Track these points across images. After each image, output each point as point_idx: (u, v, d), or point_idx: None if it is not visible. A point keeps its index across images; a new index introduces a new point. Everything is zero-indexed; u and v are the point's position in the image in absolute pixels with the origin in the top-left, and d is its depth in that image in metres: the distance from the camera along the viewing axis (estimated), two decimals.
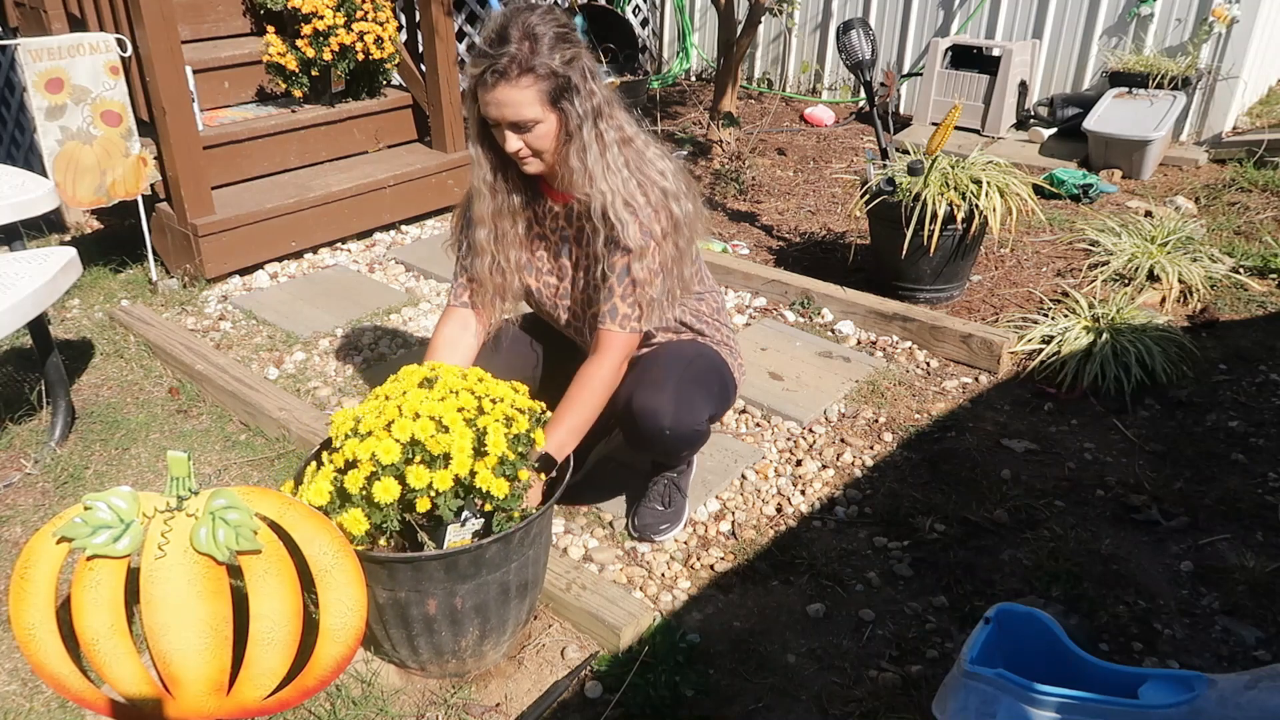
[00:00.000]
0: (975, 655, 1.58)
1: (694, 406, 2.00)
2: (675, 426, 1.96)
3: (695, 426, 2.01)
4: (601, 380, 1.92)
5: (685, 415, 1.97)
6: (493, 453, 1.62)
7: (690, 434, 2.02)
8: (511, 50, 1.70)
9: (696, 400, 2.01)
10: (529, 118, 1.75)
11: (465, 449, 1.60)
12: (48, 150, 3.00)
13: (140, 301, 3.37)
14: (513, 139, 1.79)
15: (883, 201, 3.16)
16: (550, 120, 1.78)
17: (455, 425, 1.61)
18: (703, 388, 2.04)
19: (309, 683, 1.57)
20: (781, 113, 5.72)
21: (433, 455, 1.60)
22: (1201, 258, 3.43)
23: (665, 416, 1.94)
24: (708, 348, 2.12)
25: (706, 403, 2.05)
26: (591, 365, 1.93)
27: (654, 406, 1.94)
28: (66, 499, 2.35)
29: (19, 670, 1.85)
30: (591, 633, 1.92)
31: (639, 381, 1.97)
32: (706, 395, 2.05)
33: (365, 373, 2.94)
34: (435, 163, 4.05)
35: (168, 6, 3.11)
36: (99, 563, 1.51)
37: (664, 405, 1.94)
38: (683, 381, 1.99)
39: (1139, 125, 4.40)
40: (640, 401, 1.95)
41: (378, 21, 3.87)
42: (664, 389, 1.95)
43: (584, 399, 1.91)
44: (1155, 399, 2.74)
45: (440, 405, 1.65)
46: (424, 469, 1.57)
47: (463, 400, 1.67)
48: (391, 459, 1.57)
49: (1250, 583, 2.05)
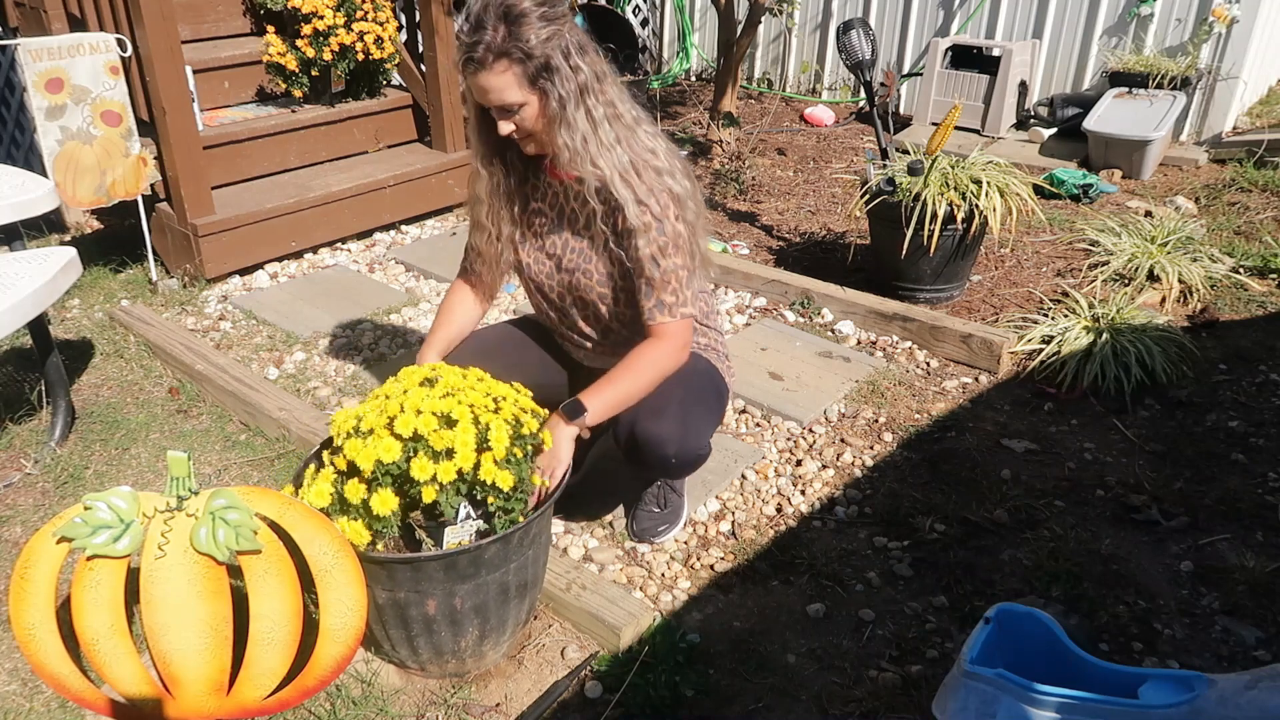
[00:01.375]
0: (975, 655, 1.58)
1: (698, 430, 1.97)
2: (681, 453, 1.93)
3: (699, 450, 1.98)
4: (655, 362, 1.87)
5: (690, 440, 1.94)
6: (497, 448, 1.62)
7: (695, 458, 1.99)
8: (486, 37, 1.69)
9: (700, 423, 1.98)
10: (512, 101, 1.75)
11: (469, 443, 1.60)
12: (48, 150, 3.00)
13: (140, 301, 3.37)
14: (503, 123, 1.79)
15: (883, 201, 3.16)
16: (533, 101, 1.76)
17: (463, 419, 1.61)
18: (702, 406, 2.01)
19: (309, 683, 1.57)
20: (781, 113, 5.73)
21: (436, 451, 1.60)
22: (1201, 258, 3.43)
23: (670, 444, 1.90)
24: (700, 358, 2.08)
25: (709, 423, 2.02)
26: (650, 347, 1.88)
27: (659, 435, 1.90)
28: (66, 499, 2.35)
29: (19, 670, 1.85)
30: (591, 633, 1.92)
31: (639, 409, 1.92)
32: (707, 414, 2.02)
33: (365, 373, 2.94)
34: (435, 163, 4.05)
35: (168, 6, 3.11)
36: (99, 563, 1.51)
37: (669, 433, 1.90)
38: (684, 405, 1.95)
39: (1139, 125, 4.40)
40: (643, 431, 1.90)
41: (378, 21, 3.88)
42: (666, 416, 1.91)
43: (633, 377, 1.86)
44: (1155, 399, 2.74)
45: (445, 402, 1.65)
46: (428, 461, 1.58)
47: (473, 398, 1.68)
48: (393, 457, 1.58)
49: (1250, 583, 2.05)
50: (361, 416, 1.66)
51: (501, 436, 1.63)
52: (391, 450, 1.58)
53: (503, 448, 1.62)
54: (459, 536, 1.67)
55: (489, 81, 1.73)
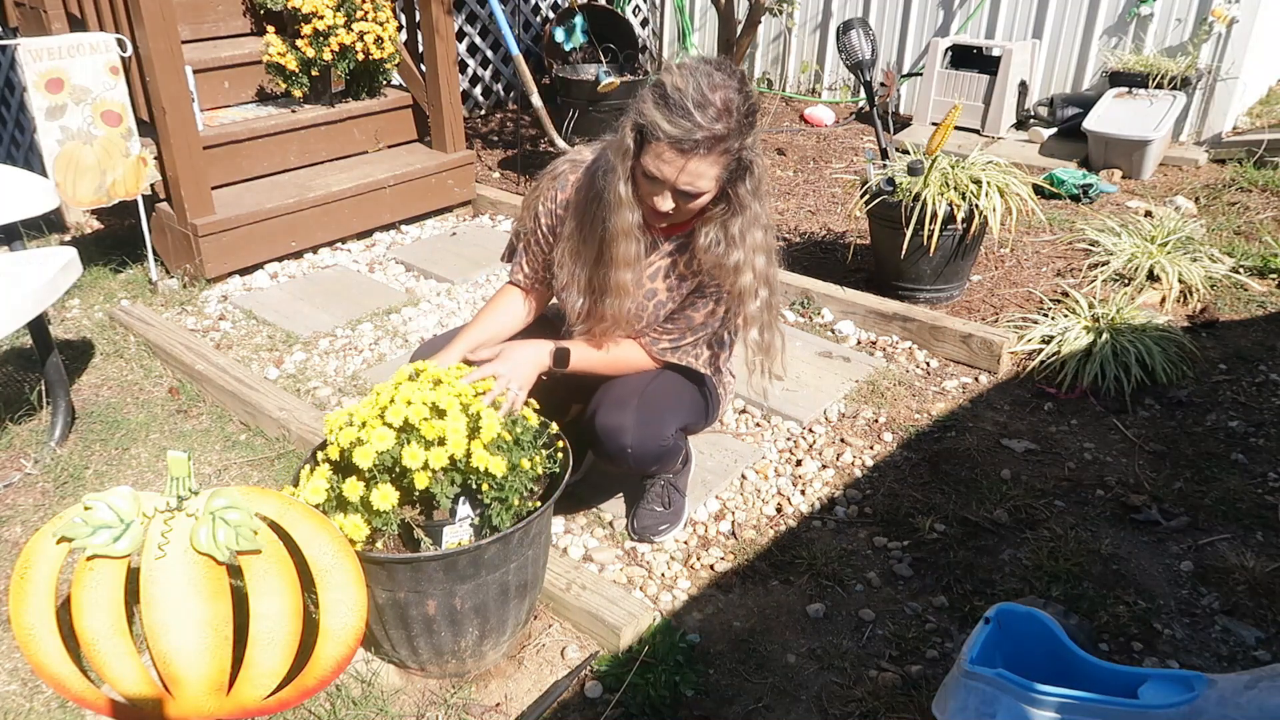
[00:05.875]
0: (975, 655, 1.58)
1: (658, 422, 1.95)
2: (638, 445, 1.92)
3: (660, 443, 1.96)
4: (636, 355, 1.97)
5: (648, 432, 1.93)
6: (486, 434, 1.62)
7: (656, 450, 1.96)
8: (716, 128, 1.62)
9: (662, 416, 1.96)
10: (703, 190, 1.70)
11: (459, 429, 1.61)
12: (48, 150, 3.00)
13: (140, 301, 3.37)
14: (669, 200, 1.72)
15: (883, 201, 3.16)
16: (714, 193, 1.74)
17: (450, 408, 1.62)
18: (669, 400, 1.99)
19: (309, 683, 1.57)
20: (781, 113, 5.73)
21: (428, 440, 1.60)
22: (1201, 258, 3.43)
23: (627, 435, 1.90)
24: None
25: (674, 417, 2.00)
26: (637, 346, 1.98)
27: (616, 424, 1.91)
28: (66, 499, 2.35)
29: (19, 670, 1.85)
30: (591, 633, 1.92)
31: (603, 399, 1.94)
32: (674, 409, 2.00)
33: (365, 373, 2.94)
34: (435, 163, 4.05)
35: (168, 6, 3.11)
36: (99, 563, 1.51)
37: (626, 423, 1.90)
38: (646, 397, 1.94)
39: (1139, 125, 4.40)
40: (603, 420, 1.92)
41: (378, 21, 3.87)
42: (626, 406, 1.92)
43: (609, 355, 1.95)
44: (1155, 399, 2.74)
45: (435, 392, 1.66)
46: (419, 448, 1.58)
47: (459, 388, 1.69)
48: (385, 444, 1.58)
49: (1250, 583, 2.05)
50: (354, 413, 1.67)
51: (491, 423, 1.64)
52: (384, 438, 1.59)
53: (492, 432, 1.63)
54: (458, 536, 1.67)
55: (698, 168, 1.66)
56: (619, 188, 1.75)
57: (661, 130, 1.63)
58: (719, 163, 1.67)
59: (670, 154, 1.65)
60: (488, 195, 4.25)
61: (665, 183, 1.69)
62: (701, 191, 1.71)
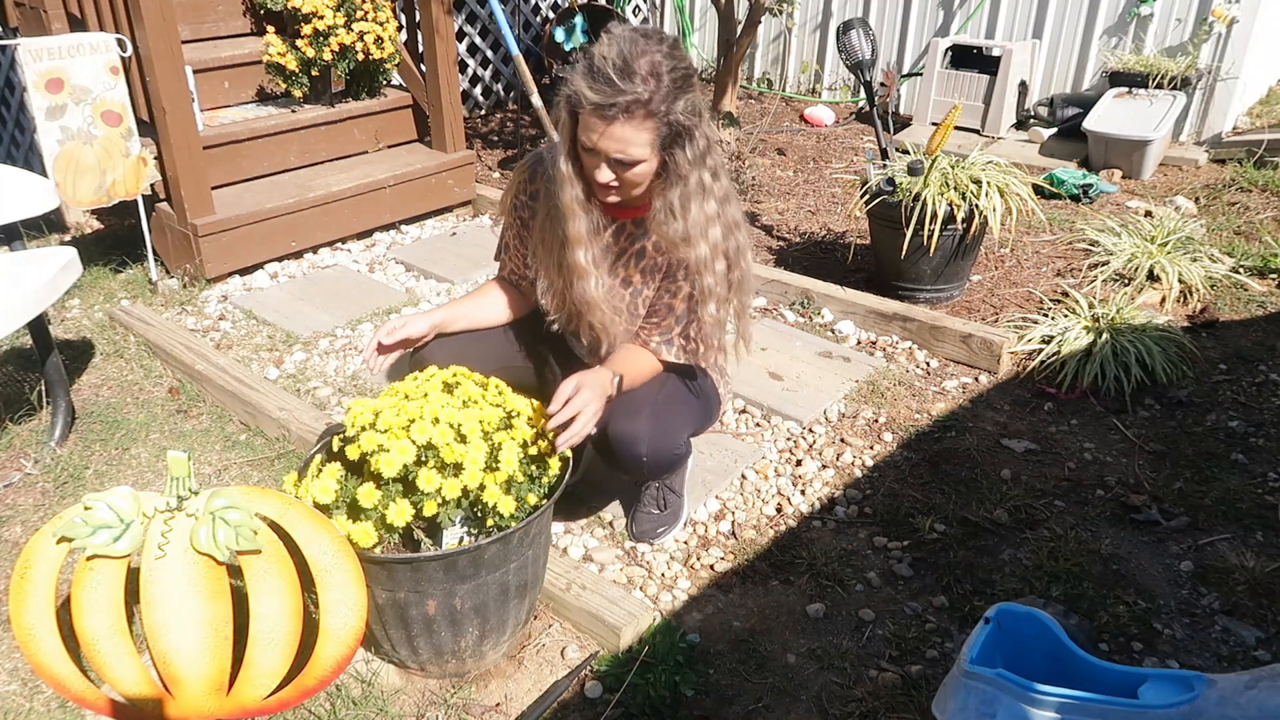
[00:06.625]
0: (975, 655, 1.58)
1: (672, 430, 1.95)
2: (653, 453, 1.91)
3: (674, 450, 1.97)
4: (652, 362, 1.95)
5: (662, 440, 1.92)
6: (504, 470, 1.63)
7: (669, 458, 1.97)
8: (638, 90, 1.61)
9: (674, 423, 1.97)
10: (636, 158, 1.69)
11: (477, 461, 1.61)
12: (48, 150, 3.00)
13: (140, 301, 3.37)
14: (606, 171, 1.72)
15: (883, 201, 3.16)
16: (653, 162, 1.72)
17: (472, 435, 1.62)
18: (681, 406, 2.00)
19: (309, 683, 1.57)
20: (781, 113, 5.72)
21: (445, 464, 1.60)
22: (1201, 258, 3.43)
23: (642, 443, 1.89)
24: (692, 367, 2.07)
25: (685, 423, 2.01)
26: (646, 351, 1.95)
27: (631, 433, 1.89)
28: (66, 499, 2.35)
29: (19, 670, 1.85)
30: (591, 633, 1.92)
31: (615, 408, 1.91)
32: (685, 416, 2.01)
33: (365, 373, 2.94)
34: (435, 163, 4.05)
35: (168, 6, 3.11)
36: (99, 563, 1.51)
37: (641, 431, 1.89)
38: (659, 404, 1.94)
39: (1139, 125, 4.40)
40: (617, 429, 1.89)
41: (378, 21, 3.87)
42: (640, 415, 1.90)
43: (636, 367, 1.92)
44: (1155, 399, 2.74)
45: (462, 414, 1.66)
46: (434, 473, 1.58)
47: (485, 414, 1.68)
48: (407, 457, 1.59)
49: (1250, 583, 2.05)
50: (379, 413, 1.66)
51: (510, 459, 1.64)
52: (405, 451, 1.59)
53: (509, 471, 1.63)
54: (457, 537, 1.67)
55: (625, 133, 1.65)
56: (560, 163, 1.77)
57: (585, 98, 1.63)
58: (647, 127, 1.66)
59: (595, 121, 1.65)
60: (488, 195, 4.25)
61: (598, 152, 1.69)
62: (635, 160, 1.69)
